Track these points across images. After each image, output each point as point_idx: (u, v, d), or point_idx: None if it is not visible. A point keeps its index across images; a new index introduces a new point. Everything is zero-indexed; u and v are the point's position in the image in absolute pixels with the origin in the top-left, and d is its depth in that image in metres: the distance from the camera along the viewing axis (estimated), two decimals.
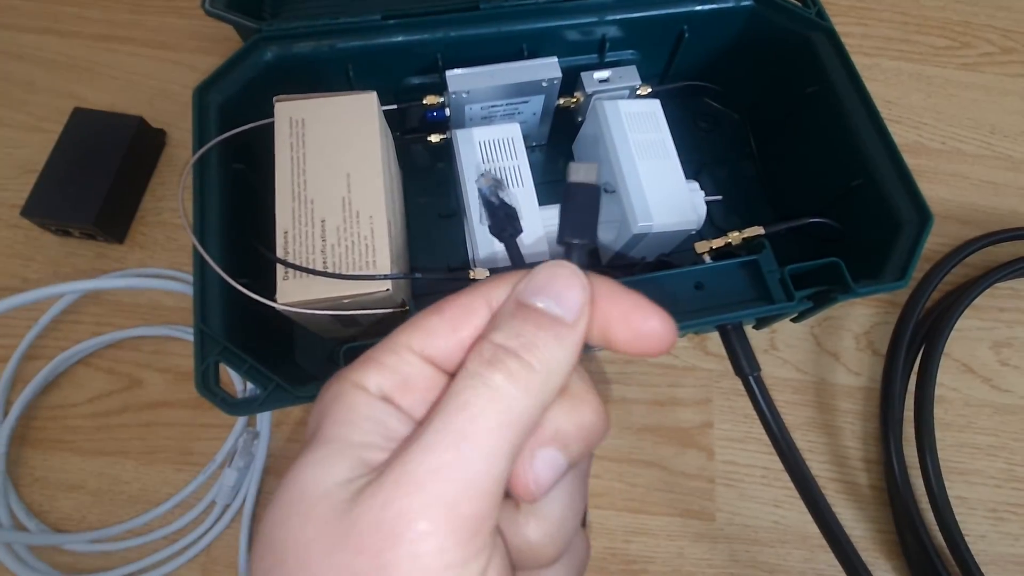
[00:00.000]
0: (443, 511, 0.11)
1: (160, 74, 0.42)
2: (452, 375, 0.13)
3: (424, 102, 0.34)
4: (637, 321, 0.14)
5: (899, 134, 0.44)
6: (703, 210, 0.34)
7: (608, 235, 0.36)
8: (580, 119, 0.38)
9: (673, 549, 0.32)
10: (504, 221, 0.29)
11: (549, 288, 0.13)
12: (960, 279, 0.40)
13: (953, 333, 0.37)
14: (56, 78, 0.42)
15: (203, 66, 0.42)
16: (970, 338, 0.38)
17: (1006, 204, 0.42)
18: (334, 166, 0.29)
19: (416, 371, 0.13)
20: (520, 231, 0.28)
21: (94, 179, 0.36)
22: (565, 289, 0.13)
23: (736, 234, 0.31)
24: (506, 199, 0.29)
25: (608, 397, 0.35)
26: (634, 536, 0.33)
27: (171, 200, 0.39)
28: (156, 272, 0.36)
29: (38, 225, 0.36)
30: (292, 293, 0.27)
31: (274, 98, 0.31)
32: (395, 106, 0.36)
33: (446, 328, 0.14)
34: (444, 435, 0.12)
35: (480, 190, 0.29)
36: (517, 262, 0.24)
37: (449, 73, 0.34)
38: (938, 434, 0.34)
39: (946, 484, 0.32)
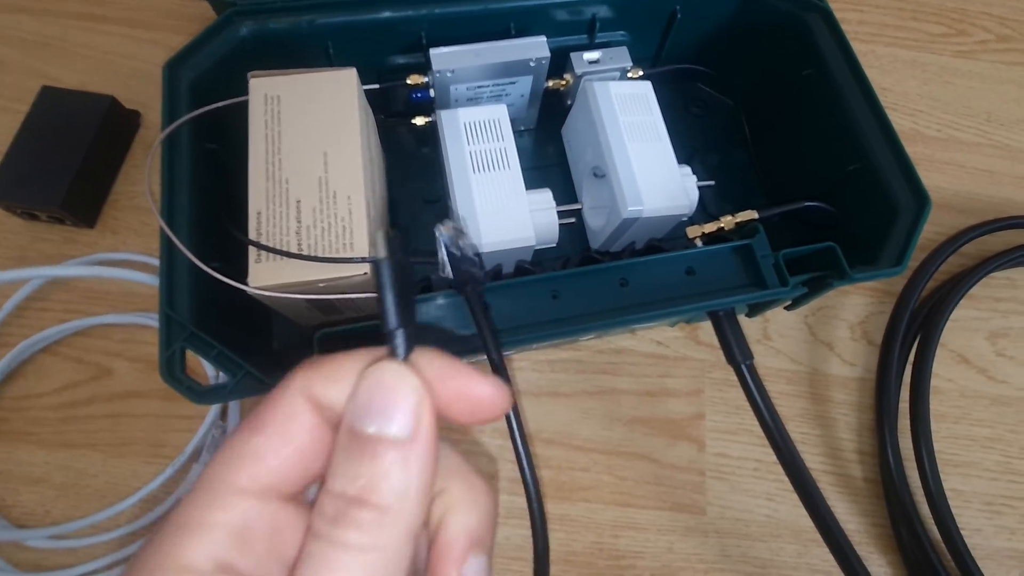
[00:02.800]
0: None
1: (135, 53, 0.41)
2: (298, 497, 0.12)
3: (408, 82, 0.33)
4: (472, 397, 0.13)
5: (895, 121, 0.42)
6: (695, 195, 0.33)
7: (598, 220, 0.35)
8: (569, 102, 0.37)
9: (663, 543, 0.31)
10: (467, 275, 0.24)
11: (375, 406, 0.11)
12: (956, 268, 0.39)
13: (948, 323, 0.36)
14: (28, 57, 0.40)
15: (179, 46, 0.41)
16: (966, 328, 0.38)
17: (1002, 192, 0.41)
18: (311, 145, 0.28)
19: (253, 516, 0.11)
20: (483, 283, 0.23)
21: (62, 161, 0.34)
22: (393, 402, 0.11)
23: (729, 218, 0.30)
24: (468, 251, 0.24)
25: (597, 388, 0.34)
26: (623, 530, 0.32)
27: (144, 184, 0.37)
28: (127, 258, 0.34)
29: (3, 208, 0.34)
30: (265, 277, 0.26)
31: (249, 74, 0.29)
32: (377, 86, 0.34)
33: (274, 446, 0.11)
34: None
35: (441, 239, 0.25)
36: (479, 318, 0.20)
37: (433, 51, 0.32)
38: (933, 425, 0.33)
39: (941, 477, 0.32)
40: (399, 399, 0.12)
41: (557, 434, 0.33)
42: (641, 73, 0.36)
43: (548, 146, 0.40)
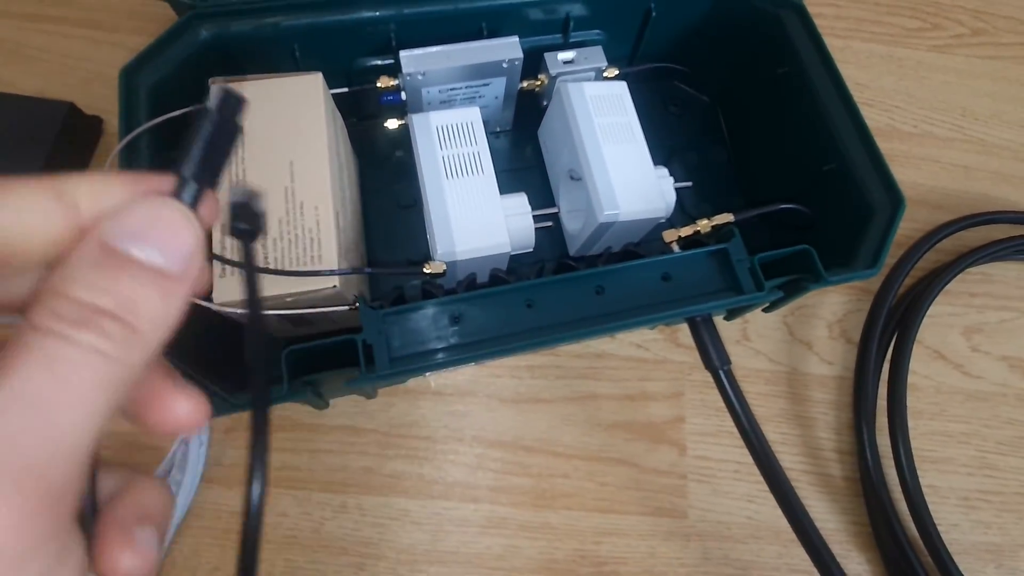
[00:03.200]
0: (20, 482, 0.10)
1: (96, 56, 0.39)
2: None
3: (378, 85, 0.32)
4: (169, 401, 0.13)
5: (872, 117, 0.43)
6: (672, 197, 0.32)
7: (574, 224, 0.35)
8: (545, 103, 0.36)
9: (644, 549, 0.31)
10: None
11: (150, 234, 0.11)
12: (932, 264, 0.39)
13: (925, 320, 0.36)
14: None
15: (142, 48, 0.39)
16: (942, 324, 0.38)
17: (977, 187, 0.42)
18: (276, 154, 0.27)
19: None
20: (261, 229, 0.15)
21: (20, 171, 0.33)
22: (170, 236, 0.12)
23: (705, 222, 0.30)
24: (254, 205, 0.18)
25: (577, 393, 0.34)
26: (604, 537, 0.31)
27: None
28: None
29: None
30: (230, 292, 0.25)
31: (210, 80, 0.28)
32: (346, 89, 0.33)
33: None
34: (23, 397, 0.10)
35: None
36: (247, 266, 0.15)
37: (403, 53, 0.32)
38: (910, 422, 0.33)
39: (919, 473, 0.32)
40: (178, 236, 0.12)
41: (538, 441, 0.33)
42: (616, 72, 0.35)
43: (525, 147, 0.40)
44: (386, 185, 0.37)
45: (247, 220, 0.13)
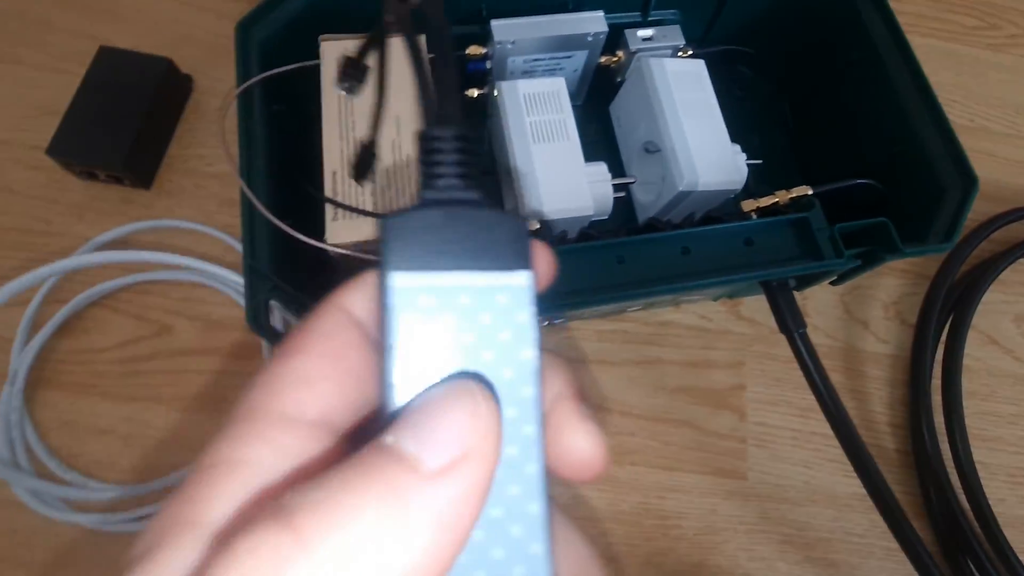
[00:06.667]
0: None
1: (186, 19, 0.41)
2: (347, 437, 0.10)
3: (467, 52, 0.34)
4: (568, 440, 0.11)
5: None
6: (745, 171, 0.34)
7: (646, 196, 0.36)
8: (620, 79, 0.38)
9: (706, 506, 0.33)
10: None
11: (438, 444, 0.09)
12: (986, 254, 0.40)
13: (979, 306, 0.37)
14: (74, 18, 0.40)
15: (231, 13, 0.41)
16: (994, 311, 0.39)
17: None
18: (384, 108, 0.28)
19: (300, 451, 0.09)
20: None
21: (122, 121, 0.34)
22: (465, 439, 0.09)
23: (784, 193, 0.31)
24: None
25: (643, 357, 0.35)
26: (668, 492, 0.33)
27: (198, 147, 0.38)
28: (177, 225, 0.35)
29: (62, 166, 0.35)
30: (342, 234, 0.26)
31: (320, 37, 0.30)
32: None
33: (320, 367, 0.10)
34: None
35: None
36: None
37: (495, 22, 0.33)
38: (963, 402, 0.35)
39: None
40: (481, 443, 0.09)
41: (605, 400, 0.34)
42: (691, 52, 0.36)
43: (591, 124, 0.41)
44: None
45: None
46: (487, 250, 0.10)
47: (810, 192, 0.31)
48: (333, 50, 0.29)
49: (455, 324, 0.10)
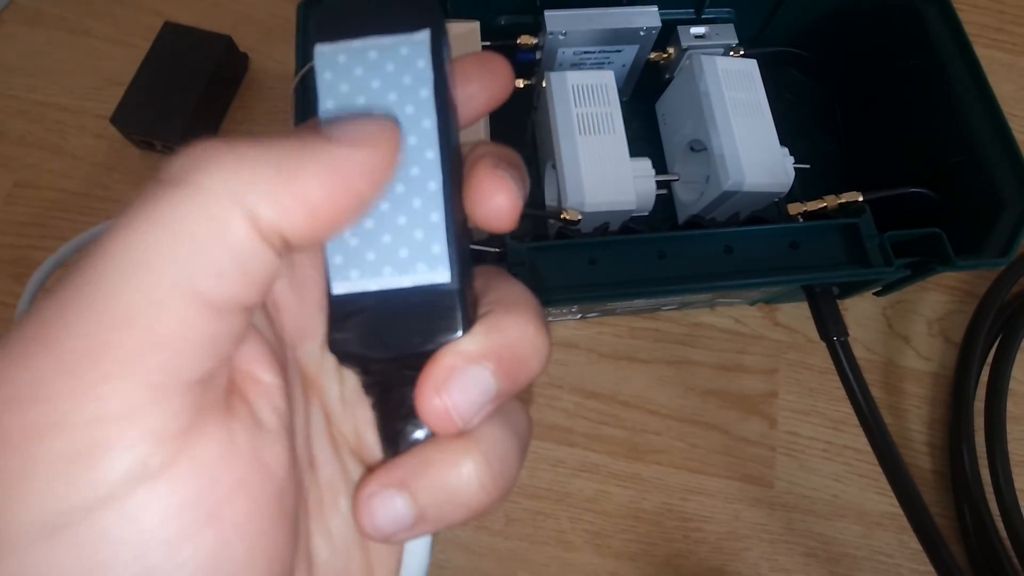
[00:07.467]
0: None
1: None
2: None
3: (518, 42, 0.34)
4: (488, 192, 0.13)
5: None
6: (792, 175, 0.33)
7: (689, 195, 0.36)
8: (668, 76, 0.37)
9: (730, 511, 0.32)
10: None
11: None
12: None
13: None
14: None
15: None
16: None
17: None
18: None
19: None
20: None
21: (182, 94, 0.36)
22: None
23: (832, 198, 0.30)
24: None
25: (674, 357, 0.35)
26: (691, 495, 0.32)
27: (251, 124, 0.39)
28: None
29: (124, 135, 0.36)
30: None
31: None
32: (488, 43, 0.35)
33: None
34: None
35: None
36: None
37: (548, 13, 0.33)
38: (1006, 426, 0.33)
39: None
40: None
41: (633, 397, 0.34)
42: (743, 52, 0.36)
43: (635, 120, 0.41)
44: (505, 141, 0.39)
45: None
46: (395, 19, 0.12)
47: (860, 198, 0.30)
48: None
49: (365, 73, 0.12)
